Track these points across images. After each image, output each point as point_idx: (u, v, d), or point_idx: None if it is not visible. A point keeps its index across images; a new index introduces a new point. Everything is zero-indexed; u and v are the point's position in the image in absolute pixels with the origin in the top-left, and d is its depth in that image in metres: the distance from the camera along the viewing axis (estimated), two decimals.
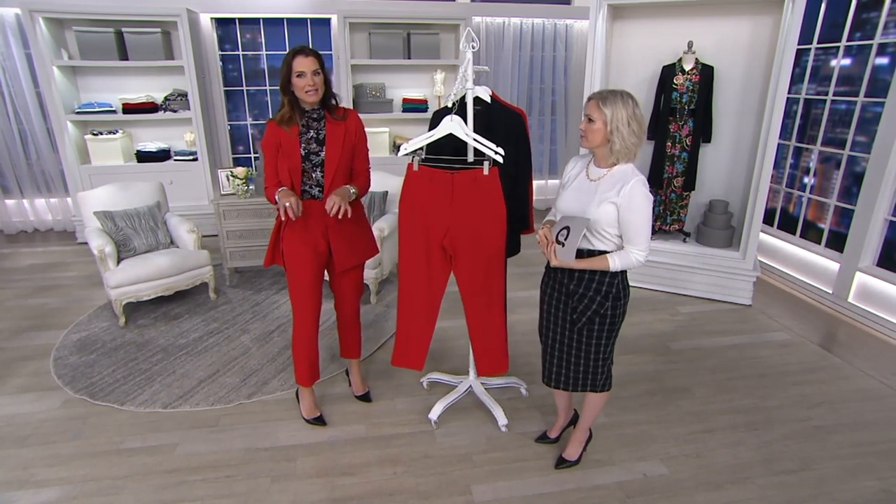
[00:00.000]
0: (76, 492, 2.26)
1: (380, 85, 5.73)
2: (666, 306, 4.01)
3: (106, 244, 3.57)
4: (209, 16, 5.54)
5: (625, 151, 1.90)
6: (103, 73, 5.35)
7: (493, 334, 2.45)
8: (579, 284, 2.03)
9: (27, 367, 3.20)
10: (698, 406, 2.84)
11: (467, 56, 2.28)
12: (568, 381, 2.21)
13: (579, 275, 2.02)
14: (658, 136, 4.03)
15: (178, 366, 3.17)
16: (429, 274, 2.36)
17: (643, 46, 4.07)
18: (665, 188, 4.11)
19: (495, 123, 2.39)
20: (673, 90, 3.90)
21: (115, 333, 3.55)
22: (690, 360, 3.30)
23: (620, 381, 3.03)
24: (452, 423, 2.70)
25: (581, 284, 2.03)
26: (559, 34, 6.00)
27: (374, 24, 5.52)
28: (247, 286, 4.36)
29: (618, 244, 1.98)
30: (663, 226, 4.22)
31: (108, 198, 3.89)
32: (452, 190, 2.23)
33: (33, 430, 2.64)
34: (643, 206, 1.89)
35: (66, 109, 5.14)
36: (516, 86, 6.15)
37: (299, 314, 2.49)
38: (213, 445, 2.53)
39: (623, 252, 1.94)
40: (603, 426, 2.66)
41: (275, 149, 2.30)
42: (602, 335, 2.09)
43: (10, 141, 5.54)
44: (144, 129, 5.59)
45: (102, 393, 2.90)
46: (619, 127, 1.87)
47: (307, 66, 2.16)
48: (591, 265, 1.96)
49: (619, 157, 1.92)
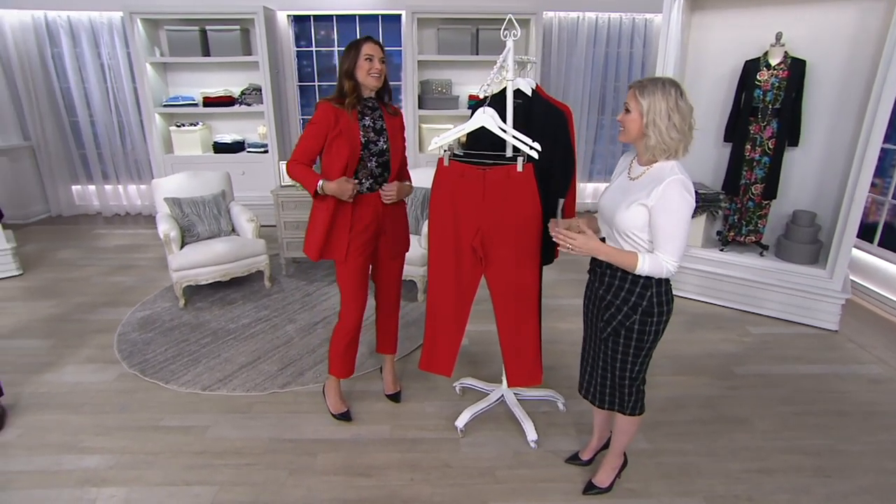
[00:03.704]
0: (113, 462, 2.38)
1: (446, 81, 5.68)
2: (734, 325, 3.63)
3: (171, 229, 3.78)
4: (286, 13, 5.75)
5: (662, 147, 1.69)
6: (188, 69, 5.71)
7: (524, 343, 2.31)
8: (608, 291, 1.87)
9: (96, 339, 3.44)
10: (758, 441, 2.53)
11: (508, 46, 2.14)
12: (595, 394, 2.06)
13: (609, 281, 1.86)
14: (736, 139, 3.66)
15: (223, 349, 3.28)
16: (458, 276, 2.26)
17: (724, 40, 3.70)
18: (741, 195, 3.73)
19: (534, 118, 2.24)
20: (755, 87, 3.51)
21: (173, 314, 3.75)
22: (755, 387, 2.95)
23: (669, 404, 2.77)
24: (480, 432, 2.58)
25: (609, 291, 1.86)
26: (637, 29, 5.66)
27: (442, 20, 5.48)
28: (301, 276, 4.46)
29: (650, 251, 1.78)
30: (738, 237, 3.83)
31: (178, 185, 4.11)
32: (484, 187, 2.11)
33: (89, 400, 2.83)
34: (677, 208, 1.66)
35: (155, 103, 5.54)
36: (588, 84, 5.87)
37: (348, 305, 2.48)
38: (242, 432, 2.57)
39: (655, 256, 1.72)
40: (642, 452, 2.43)
41: (327, 127, 2.24)
42: (628, 352, 1.89)
43: (111, 132, 6.06)
44: (222, 122, 5.91)
45: (153, 370, 3.06)
46: (655, 119, 1.67)
47: (376, 52, 2.23)
48: (616, 257, 1.75)
49: (656, 153, 1.71)
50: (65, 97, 5.97)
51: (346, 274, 2.43)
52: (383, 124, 2.35)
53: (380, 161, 2.34)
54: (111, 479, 2.28)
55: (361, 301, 2.49)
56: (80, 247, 5.27)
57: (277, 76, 5.77)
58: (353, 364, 2.64)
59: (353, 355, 2.63)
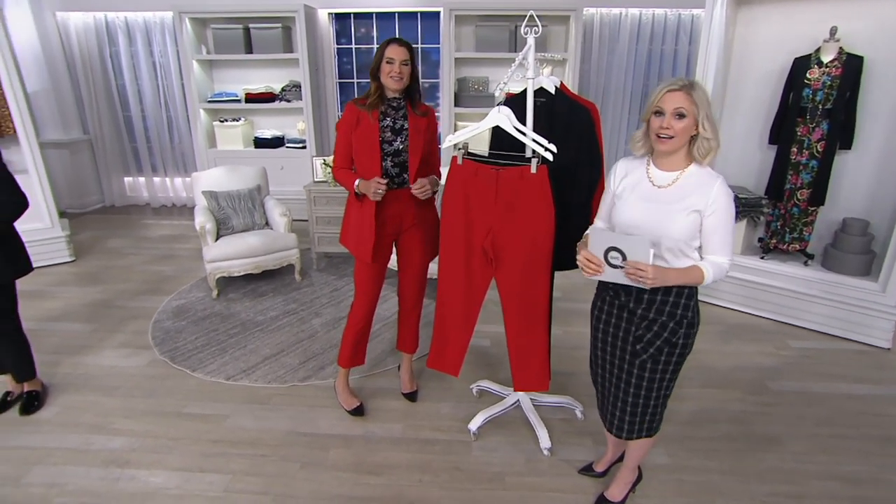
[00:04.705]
0: (137, 445, 2.48)
1: (483, 79, 5.63)
2: (772, 337, 3.44)
3: (207, 221, 3.90)
4: (327, 11, 5.83)
5: (716, 144, 1.61)
6: (232, 66, 5.89)
7: (532, 348, 2.25)
8: (649, 309, 1.72)
9: (132, 325, 3.59)
10: (789, 463, 2.38)
11: (528, 42, 2.09)
12: (621, 426, 1.91)
13: (650, 297, 1.71)
14: (782, 141, 3.45)
15: (250, 340, 3.36)
16: (468, 276, 2.23)
17: (772, 36, 3.50)
18: (786, 201, 3.52)
19: (557, 117, 2.17)
20: (804, 86, 3.30)
21: (206, 304, 3.87)
22: (791, 404, 2.78)
23: (695, 418, 2.65)
24: (493, 437, 2.54)
25: (652, 308, 1.72)
26: (683, 25, 5.42)
27: (480, 17, 5.42)
28: (331, 271, 4.52)
29: (694, 258, 1.69)
30: (780, 244, 3.62)
31: (216, 179, 4.24)
32: (497, 187, 2.06)
33: (121, 383, 2.95)
34: (731, 208, 1.63)
35: (200, 99, 5.74)
36: (630, 82, 5.68)
37: (357, 298, 2.55)
38: (259, 423, 2.63)
39: (713, 261, 1.66)
40: (660, 467, 2.33)
41: (350, 129, 2.33)
42: (668, 369, 1.78)
43: (160, 126, 6.33)
44: (263, 118, 6.07)
45: (182, 358, 3.16)
46: (709, 116, 1.59)
47: (397, 55, 2.23)
48: (684, 278, 1.65)
49: (714, 152, 1.62)
50: (120, 94, 6.27)
51: (359, 268, 2.50)
52: (404, 124, 2.34)
53: (396, 161, 2.34)
54: (134, 461, 2.38)
55: (370, 296, 2.53)
56: (128, 236, 5.53)
57: (317, 73, 5.87)
58: (361, 356, 2.68)
59: (362, 348, 2.67)
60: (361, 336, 2.63)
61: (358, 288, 2.53)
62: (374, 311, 2.60)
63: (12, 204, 2.39)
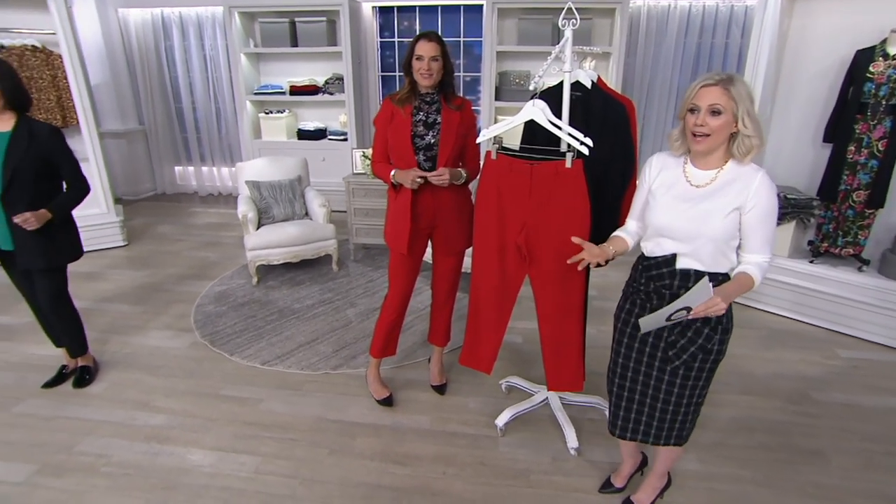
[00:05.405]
0: (175, 423, 2.59)
1: (524, 73, 5.55)
2: (820, 345, 3.27)
3: (249, 210, 4.02)
4: (371, 4, 5.89)
5: (761, 141, 1.54)
6: (278, 59, 6.03)
7: (566, 347, 2.22)
8: None
9: (176, 308, 3.75)
10: (832, 479, 2.26)
11: (566, 35, 2.05)
12: (648, 432, 1.84)
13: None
14: (838, 139, 3.27)
15: (286, 328, 3.45)
16: (502, 272, 2.21)
17: (832, 27, 3.31)
18: (840, 203, 3.33)
19: (593, 112, 2.12)
20: (866, 81, 3.11)
21: (246, 291, 3.99)
22: (837, 417, 2.64)
23: (731, 425, 2.56)
24: (520, 433, 2.52)
25: None
26: (735, 17, 5.19)
27: (523, 10, 5.35)
28: (368, 262, 4.58)
29: (732, 259, 1.63)
30: (832, 248, 3.43)
31: (259, 169, 4.36)
32: (531, 182, 2.04)
33: (164, 363, 3.09)
34: (774, 205, 1.56)
35: (247, 91, 5.91)
36: (677, 78, 5.50)
37: (391, 290, 2.58)
38: (291, 408, 2.70)
39: (756, 263, 1.59)
40: (690, 474, 2.26)
41: (385, 124, 2.38)
42: (701, 376, 1.71)
43: (209, 118, 6.56)
44: (307, 110, 6.19)
45: (221, 341, 3.28)
46: (749, 112, 1.50)
47: (426, 51, 2.23)
48: (739, 290, 1.59)
49: (756, 150, 1.53)
50: (172, 86, 6.52)
51: (394, 260, 2.52)
52: (437, 118, 2.34)
53: (428, 155, 2.34)
54: (172, 438, 2.49)
55: (404, 289, 2.55)
56: (177, 223, 5.76)
57: (360, 66, 5.94)
58: (392, 347, 2.72)
59: (394, 339, 2.70)
60: (394, 327, 2.66)
61: (392, 280, 2.56)
62: (407, 303, 2.62)
63: (78, 189, 2.58)
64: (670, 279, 1.66)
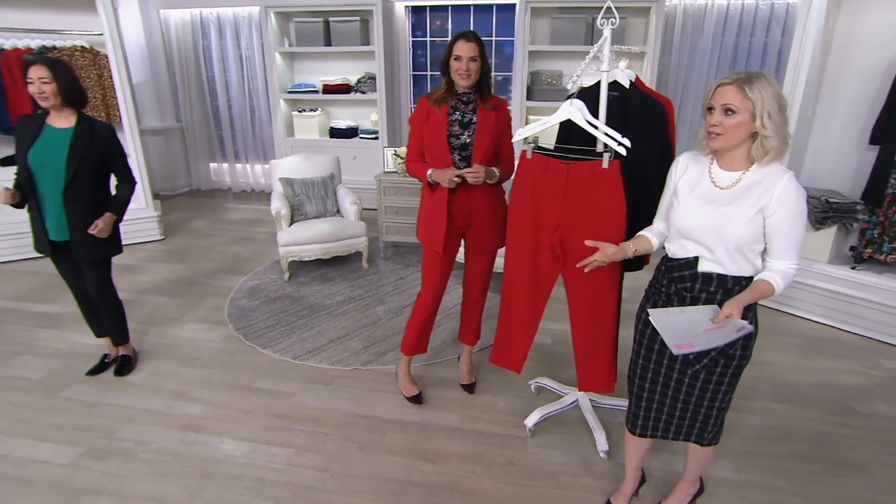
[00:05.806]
0: (210, 413, 2.66)
1: (557, 72, 5.52)
2: (862, 355, 3.17)
3: (282, 207, 4.10)
4: (404, 4, 5.92)
5: (782, 143, 1.48)
6: (312, 58, 6.13)
7: (599, 348, 2.21)
8: None
9: (211, 302, 3.85)
10: (873, 493, 2.19)
11: (605, 34, 2.03)
12: (668, 429, 1.82)
13: (705, 304, 1.61)
14: (886, 141, 3.15)
15: (317, 323, 3.50)
16: (535, 272, 2.20)
17: (881, 25, 3.19)
18: (886, 207, 3.21)
19: (631, 112, 2.10)
20: None
21: (278, 286, 4.07)
22: (880, 430, 2.56)
23: (766, 433, 2.50)
24: (550, 434, 2.51)
25: None
26: (776, 16, 5.05)
27: (557, 9, 5.31)
28: (398, 260, 4.62)
29: (756, 264, 1.60)
30: (876, 254, 3.31)
31: (292, 167, 4.44)
32: (566, 182, 2.02)
33: (200, 355, 3.17)
34: (801, 209, 1.51)
35: (281, 89, 6.02)
36: (713, 78, 5.36)
37: (424, 288, 2.59)
38: (322, 402, 2.74)
39: (781, 270, 1.54)
40: (725, 482, 2.21)
41: (421, 123, 2.39)
42: (723, 381, 1.69)
43: (244, 116, 6.70)
44: (339, 108, 6.27)
45: (254, 335, 3.35)
46: (771, 114, 1.45)
47: (465, 52, 2.23)
48: (757, 296, 1.55)
49: (774, 152, 1.49)
50: (209, 84, 6.69)
51: (427, 259, 2.53)
52: (472, 118, 2.35)
53: (463, 155, 2.35)
54: (207, 427, 2.56)
55: (437, 287, 2.56)
56: (212, 218, 5.90)
57: (392, 65, 5.98)
58: (424, 345, 2.73)
59: (425, 337, 2.70)
60: (426, 325, 2.66)
61: (426, 278, 2.56)
62: (440, 301, 2.62)
63: (130, 184, 2.76)
64: (691, 282, 1.64)
